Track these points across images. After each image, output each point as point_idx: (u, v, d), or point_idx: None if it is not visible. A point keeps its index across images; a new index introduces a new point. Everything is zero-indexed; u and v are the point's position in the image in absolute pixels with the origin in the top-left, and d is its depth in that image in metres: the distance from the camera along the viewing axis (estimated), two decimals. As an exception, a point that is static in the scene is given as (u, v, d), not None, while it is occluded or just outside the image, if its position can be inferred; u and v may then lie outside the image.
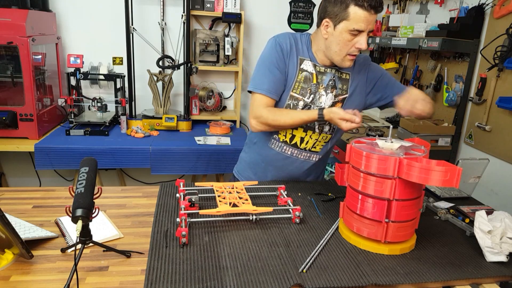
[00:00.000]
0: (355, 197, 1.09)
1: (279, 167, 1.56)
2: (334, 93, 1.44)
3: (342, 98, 1.47)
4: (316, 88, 1.43)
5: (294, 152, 1.51)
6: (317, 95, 1.43)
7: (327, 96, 1.44)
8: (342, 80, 1.46)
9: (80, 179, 0.96)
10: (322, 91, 1.43)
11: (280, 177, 1.57)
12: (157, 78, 2.79)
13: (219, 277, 0.92)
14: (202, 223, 1.18)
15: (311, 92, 1.42)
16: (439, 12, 2.62)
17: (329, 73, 1.44)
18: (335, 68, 1.44)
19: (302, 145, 1.50)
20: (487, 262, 1.06)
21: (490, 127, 2.11)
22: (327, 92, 1.44)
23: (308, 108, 1.43)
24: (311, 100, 1.43)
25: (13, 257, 0.98)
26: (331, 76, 1.44)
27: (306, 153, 1.52)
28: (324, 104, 1.44)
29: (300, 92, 1.42)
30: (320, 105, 1.44)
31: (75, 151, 2.34)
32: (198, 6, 2.81)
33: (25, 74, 2.28)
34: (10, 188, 1.44)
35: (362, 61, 1.50)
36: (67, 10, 2.82)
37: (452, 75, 2.42)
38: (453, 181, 0.94)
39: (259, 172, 1.61)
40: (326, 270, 0.98)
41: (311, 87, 1.42)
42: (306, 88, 1.42)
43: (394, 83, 1.55)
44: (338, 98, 1.46)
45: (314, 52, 1.42)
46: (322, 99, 1.44)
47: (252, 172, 1.64)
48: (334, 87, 1.44)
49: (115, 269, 0.98)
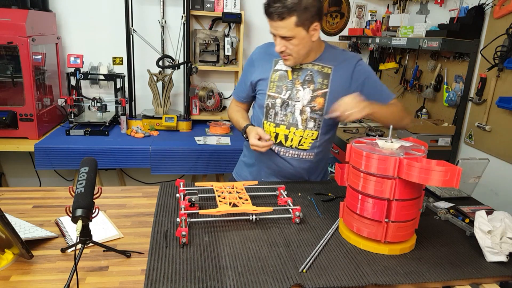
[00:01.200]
0: (355, 197, 1.09)
1: (271, 167, 1.58)
2: (311, 88, 1.47)
3: (323, 93, 1.47)
4: (292, 84, 1.49)
5: (281, 150, 1.53)
6: (294, 90, 1.49)
7: (304, 91, 1.48)
8: (322, 74, 1.47)
9: (80, 179, 0.96)
10: (299, 86, 1.48)
11: (277, 178, 1.58)
12: (157, 78, 2.79)
13: (219, 277, 0.92)
14: (202, 223, 1.18)
15: (287, 89, 1.49)
16: (439, 12, 2.62)
17: (306, 69, 1.48)
18: (316, 63, 1.48)
19: (288, 142, 1.51)
20: (487, 262, 1.06)
21: (490, 127, 2.11)
22: (304, 87, 1.48)
23: (286, 105, 1.50)
24: (288, 97, 1.49)
25: (13, 257, 0.98)
26: (308, 71, 1.48)
27: (293, 151, 1.52)
28: (301, 98, 1.48)
29: (276, 91, 1.51)
30: (298, 100, 1.48)
31: (75, 151, 2.33)
32: (198, 6, 2.81)
33: (25, 74, 2.27)
34: (10, 188, 1.44)
35: (349, 57, 1.50)
36: (67, 10, 2.82)
37: (452, 75, 2.42)
38: (453, 181, 0.94)
39: (254, 172, 1.64)
40: (326, 270, 0.98)
41: (287, 84, 1.50)
42: (281, 86, 1.50)
43: (380, 89, 1.51)
44: (317, 93, 1.47)
45: None
46: (300, 94, 1.48)
47: (248, 172, 1.66)
48: (311, 82, 1.47)
49: (115, 269, 0.98)
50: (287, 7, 1.30)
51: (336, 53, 1.51)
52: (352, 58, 1.50)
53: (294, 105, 1.49)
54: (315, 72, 1.47)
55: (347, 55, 1.51)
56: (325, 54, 1.50)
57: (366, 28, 3.18)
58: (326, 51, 1.51)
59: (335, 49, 1.53)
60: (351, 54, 1.53)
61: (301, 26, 1.34)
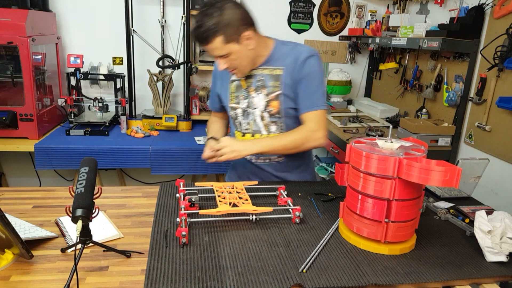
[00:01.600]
0: (355, 197, 1.09)
1: (249, 171, 1.60)
2: (265, 93, 1.46)
3: (276, 95, 1.44)
4: (247, 92, 1.48)
5: (252, 158, 1.55)
6: (250, 98, 1.48)
7: (259, 96, 1.47)
8: (273, 76, 1.45)
9: (80, 179, 0.96)
10: (253, 93, 1.47)
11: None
12: (157, 78, 2.79)
13: (219, 277, 0.92)
14: (202, 223, 1.18)
15: (244, 98, 1.49)
16: (439, 12, 2.62)
17: (256, 75, 1.46)
18: (265, 67, 1.45)
19: None
20: (487, 262, 1.06)
21: (490, 127, 2.11)
22: (258, 93, 1.47)
23: (247, 114, 1.51)
24: (247, 105, 1.49)
25: (13, 257, 0.98)
26: (259, 76, 1.46)
27: (263, 156, 1.53)
28: (257, 105, 1.47)
29: (235, 101, 1.52)
30: (255, 107, 1.48)
31: (75, 151, 2.33)
32: (198, 6, 2.81)
33: (25, 74, 2.28)
34: (10, 188, 1.44)
35: (300, 53, 1.42)
36: (67, 10, 2.82)
37: (452, 75, 2.42)
38: (453, 181, 0.94)
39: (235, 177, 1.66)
40: (326, 270, 0.98)
41: (243, 93, 1.50)
42: (239, 95, 1.51)
43: (309, 95, 1.41)
44: (270, 96, 1.45)
45: None
46: (255, 101, 1.48)
47: (236, 175, 1.68)
48: (264, 87, 1.45)
49: (115, 269, 0.98)
50: (210, 30, 1.29)
51: (286, 50, 1.44)
52: (302, 54, 1.41)
53: (253, 112, 1.49)
54: (266, 76, 1.45)
55: (297, 51, 1.42)
56: (275, 54, 1.45)
57: (366, 28, 3.18)
58: (276, 51, 1.45)
59: (286, 46, 1.46)
60: (302, 50, 1.43)
61: (231, 42, 1.32)
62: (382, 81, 3.26)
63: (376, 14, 3.23)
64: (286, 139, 1.41)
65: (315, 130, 1.40)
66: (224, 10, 1.29)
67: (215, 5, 1.30)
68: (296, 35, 3.23)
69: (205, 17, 1.29)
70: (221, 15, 1.28)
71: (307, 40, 3.24)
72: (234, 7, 1.32)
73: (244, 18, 1.34)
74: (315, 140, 1.41)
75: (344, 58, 3.35)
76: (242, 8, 1.35)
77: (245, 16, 1.35)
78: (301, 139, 1.40)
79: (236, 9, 1.33)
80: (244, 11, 1.36)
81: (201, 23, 1.29)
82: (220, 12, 1.29)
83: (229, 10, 1.30)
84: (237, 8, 1.33)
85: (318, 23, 3.23)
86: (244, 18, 1.34)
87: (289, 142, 1.40)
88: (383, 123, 2.75)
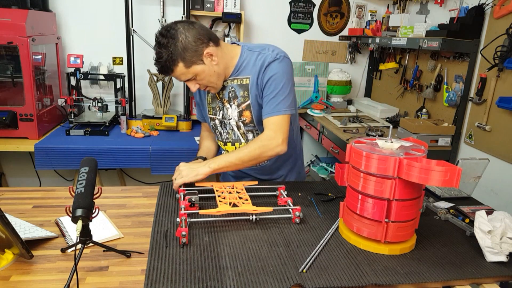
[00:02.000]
0: (355, 197, 1.09)
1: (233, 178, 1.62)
2: (236, 103, 1.45)
3: (246, 105, 1.43)
4: (222, 103, 1.48)
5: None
6: (224, 109, 1.48)
7: (232, 107, 1.46)
8: (242, 86, 1.43)
9: (80, 179, 0.96)
10: (227, 104, 1.47)
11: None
12: (157, 78, 2.79)
13: (219, 277, 0.92)
14: (202, 223, 1.18)
15: (219, 109, 1.49)
16: (439, 12, 2.62)
17: (227, 86, 1.45)
18: (234, 78, 1.43)
19: None
20: (487, 262, 1.06)
21: (490, 127, 2.11)
22: (231, 104, 1.46)
23: (224, 124, 1.52)
24: (222, 116, 1.50)
25: (13, 257, 0.98)
26: (230, 87, 1.45)
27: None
28: (231, 115, 1.47)
29: (213, 112, 1.53)
30: (230, 118, 1.48)
31: (75, 151, 2.33)
32: (198, 6, 2.81)
33: (25, 74, 2.27)
34: (10, 188, 1.44)
35: (264, 58, 1.38)
36: (67, 10, 2.82)
37: (452, 75, 2.42)
38: (453, 181, 0.94)
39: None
40: (326, 270, 0.98)
41: (218, 104, 1.50)
42: (215, 107, 1.51)
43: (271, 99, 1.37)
44: (242, 107, 1.44)
45: None
46: (229, 112, 1.47)
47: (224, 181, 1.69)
48: (235, 97, 1.44)
49: (115, 269, 0.98)
50: (168, 60, 1.28)
51: (253, 57, 1.40)
52: (266, 59, 1.37)
53: (229, 122, 1.49)
54: (236, 86, 1.44)
55: (262, 56, 1.38)
56: (242, 63, 1.42)
57: (366, 28, 3.18)
58: (242, 59, 1.42)
59: (253, 52, 1.42)
60: (267, 55, 1.38)
61: (193, 65, 1.31)
62: (382, 81, 3.26)
63: (376, 14, 3.23)
64: (242, 151, 1.36)
65: (271, 138, 1.35)
66: (177, 36, 1.27)
67: (167, 35, 1.28)
68: (296, 35, 3.23)
69: (161, 49, 1.28)
70: (175, 43, 1.27)
71: (307, 40, 3.24)
72: (186, 29, 1.29)
73: (199, 38, 1.30)
74: (271, 149, 1.35)
75: (344, 58, 3.35)
76: (194, 27, 1.31)
77: (200, 35, 1.31)
78: (257, 150, 1.35)
79: (189, 31, 1.29)
80: (198, 30, 1.31)
81: (159, 55, 1.29)
82: (173, 39, 1.27)
83: (182, 34, 1.28)
84: (190, 30, 1.30)
85: (318, 23, 3.23)
86: (199, 38, 1.30)
87: (244, 154, 1.35)
88: (383, 123, 2.75)
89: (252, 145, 1.36)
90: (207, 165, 1.34)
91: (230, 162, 1.35)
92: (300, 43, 3.25)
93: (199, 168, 1.34)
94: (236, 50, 1.43)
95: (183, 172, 1.34)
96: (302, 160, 1.71)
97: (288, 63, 1.40)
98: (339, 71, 3.17)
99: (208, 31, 1.36)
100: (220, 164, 1.34)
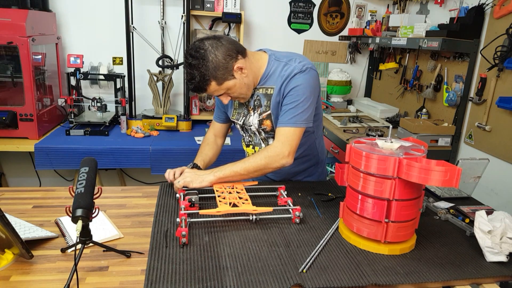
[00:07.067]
0: (355, 197, 1.09)
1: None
2: (258, 112, 1.47)
3: (267, 115, 1.45)
4: (247, 110, 1.50)
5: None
6: (248, 116, 1.51)
7: (254, 115, 1.49)
8: (267, 96, 1.44)
9: (80, 179, 0.96)
10: (251, 111, 1.50)
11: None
12: (157, 78, 2.79)
13: (219, 277, 0.92)
14: (202, 223, 1.18)
15: (243, 115, 1.52)
16: (439, 12, 2.62)
17: (254, 94, 1.47)
18: (261, 87, 1.45)
19: None
20: (487, 262, 1.06)
21: (490, 127, 2.11)
22: (254, 112, 1.49)
23: (245, 129, 1.57)
24: (243, 122, 1.52)
25: (13, 257, 0.98)
26: (256, 96, 1.46)
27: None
28: (252, 123, 1.50)
29: (236, 117, 1.55)
30: (250, 125, 1.51)
31: (75, 151, 2.33)
32: (198, 6, 2.81)
33: (25, 74, 2.27)
34: (10, 188, 1.44)
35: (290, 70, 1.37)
36: (67, 10, 2.82)
37: (452, 75, 2.42)
38: (453, 181, 0.94)
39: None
40: (326, 270, 0.98)
41: (244, 110, 1.52)
42: (240, 112, 1.54)
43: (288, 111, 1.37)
44: (262, 116, 1.46)
45: None
46: (251, 119, 1.50)
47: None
48: (259, 106, 1.47)
49: (115, 269, 0.98)
50: (201, 80, 1.31)
51: (279, 68, 1.40)
52: (293, 70, 1.36)
53: (250, 129, 1.53)
54: (261, 95, 1.45)
55: (289, 67, 1.38)
56: (268, 72, 1.42)
57: (366, 28, 3.18)
58: (269, 69, 1.42)
59: (279, 62, 1.41)
60: (293, 66, 1.37)
61: (225, 81, 1.33)
62: (382, 81, 3.26)
63: (376, 14, 3.23)
64: (247, 162, 1.37)
65: (278, 150, 1.35)
66: (207, 56, 1.28)
67: (197, 56, 1.29)
68: (296, 35, 3.23)
69: (192, 70, 1.30)
70: (206, 63, 1.28)
71: (307, 40, 3.24)
72: (215, 48, 1.30)
73: (228, 54, 1.31)
74: (277, 161, 1.35)
75: (344, 58, 3.36)
76: (222, 43, 1.32)
77: (228, 50, 1.32)
78: (263, 160, 1.35)
79: (217, 49, 1.30)
80: (225, 45, 1.32)
81: (191, 76, 1.31)
82: (204, 60, 1.28)
83: (211, 54, 1.29)
84: (218, 47, 1.31)
85: (318, 23, 3.23)
86: (228, 54, 1.31)
87: (250, 165, 1.35)
88: (383, 123, 2.75)
89: (258, 156, 1.37)
90: (213, 173, 1.35)
91: (236, 172, 1.36)
92: (300, 43, 3.25)
93: (205, 176, 1.35)
94: (263, 59, 1.44)
95: (188, 178, 1.34)
96: (323, 168, 1.71)
97: (314, 75, 1.39)
98: (339, 71, 3.17)
99: (235, 43, 1.36)
100: (226, 173, 1.35)
